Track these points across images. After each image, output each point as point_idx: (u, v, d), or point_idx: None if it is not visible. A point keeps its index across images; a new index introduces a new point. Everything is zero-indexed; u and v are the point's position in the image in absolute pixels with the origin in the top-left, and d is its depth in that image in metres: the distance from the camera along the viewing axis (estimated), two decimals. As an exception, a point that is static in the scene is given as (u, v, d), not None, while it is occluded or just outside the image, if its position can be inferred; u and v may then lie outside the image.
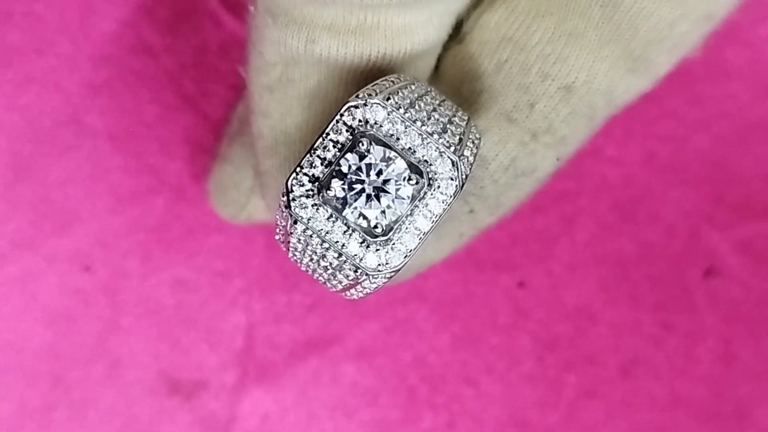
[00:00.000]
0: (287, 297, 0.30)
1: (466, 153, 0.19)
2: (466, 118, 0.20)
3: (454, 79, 0.22)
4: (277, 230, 0.21)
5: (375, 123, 0.18)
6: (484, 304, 0.30)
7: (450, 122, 0.19)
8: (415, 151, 0.18)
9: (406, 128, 0.18)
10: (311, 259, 0.20)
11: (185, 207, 0.30)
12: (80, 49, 0.29)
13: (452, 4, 0.21)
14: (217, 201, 0.27)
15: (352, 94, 0.19)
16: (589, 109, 0.22)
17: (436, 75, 0.23)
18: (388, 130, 0.18)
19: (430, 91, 0.20)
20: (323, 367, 0.30)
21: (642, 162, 0.30)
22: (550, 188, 0.30)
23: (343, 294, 0.21)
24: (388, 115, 0.18)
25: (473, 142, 0.20)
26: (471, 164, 0.19)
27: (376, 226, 0.19)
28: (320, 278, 0.20)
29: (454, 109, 0.20)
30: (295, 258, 0.20)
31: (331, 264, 0.19)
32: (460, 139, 0.19)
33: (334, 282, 0.20)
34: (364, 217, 0.19)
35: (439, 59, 0.23)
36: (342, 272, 0.19)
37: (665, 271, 0.30)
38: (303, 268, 0.21)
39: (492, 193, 0.23)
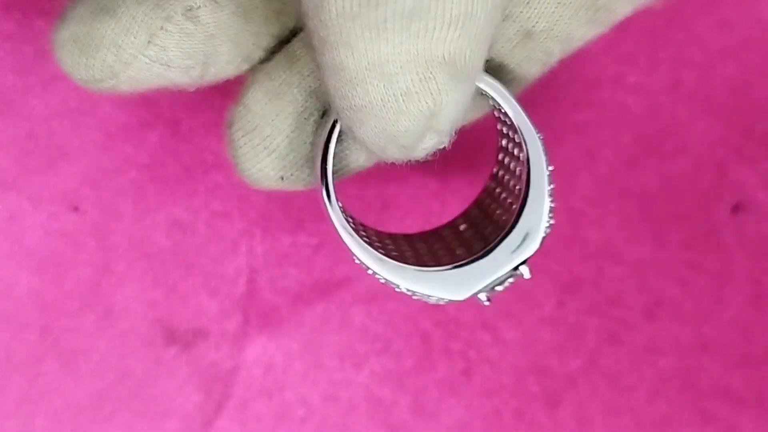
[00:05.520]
0: (291, 238, 0.28)
1: None
2: None
3: None
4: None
5: None
6: (502, 243, 0.28)
7: None
8: None
9: None
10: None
11: (180, 142, 0.28)
12: (65, -28, 0.27)
13: None
14: (73, 57, 0.20)
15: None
16: (545, 55, 0.21)
17: None
18: None
19: None
20: (331, 313, 0.28)
21: (667, 90, 0.28)
22: (570, 119, 0.29)
23: None
24: None
25: None
26: None
27: None
28: None
29: None
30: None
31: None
32: None
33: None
34: None
35: None
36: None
37: (691, 207, 0.28)
38: None
39: None
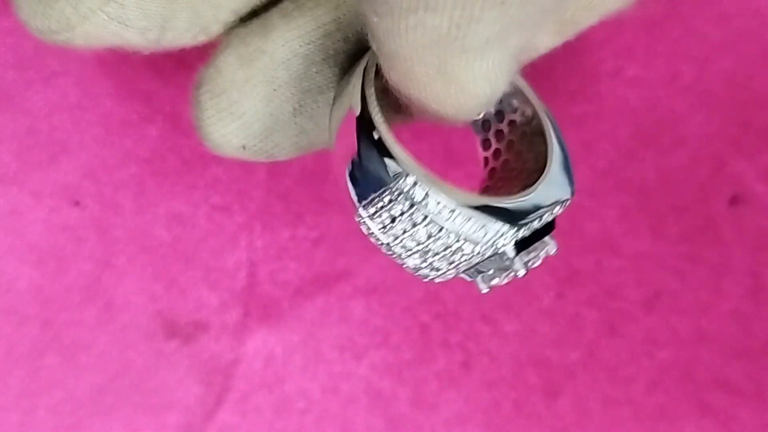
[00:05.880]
0: (291, 231, 0.28)
1: None
2: None
3: None
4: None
5: None
6: (501, 236, 0.28)
7: None
8: None
9: None
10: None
11: (180, 137, 0.28)
12: (65, -33, 0.27)
13: None
14: (31, 6, 0.20)
15: None
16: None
17: None
18: None
19: None
20: (330, 306, 0.28)
21: (665, 84, 0.28)
22: (568, 112, 0.29)
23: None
24: None
25: None
26: None
27: None
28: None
29: None
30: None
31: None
32: None
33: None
34: None
35: None
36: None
37: (689, 199, 0.29)
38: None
39: None
